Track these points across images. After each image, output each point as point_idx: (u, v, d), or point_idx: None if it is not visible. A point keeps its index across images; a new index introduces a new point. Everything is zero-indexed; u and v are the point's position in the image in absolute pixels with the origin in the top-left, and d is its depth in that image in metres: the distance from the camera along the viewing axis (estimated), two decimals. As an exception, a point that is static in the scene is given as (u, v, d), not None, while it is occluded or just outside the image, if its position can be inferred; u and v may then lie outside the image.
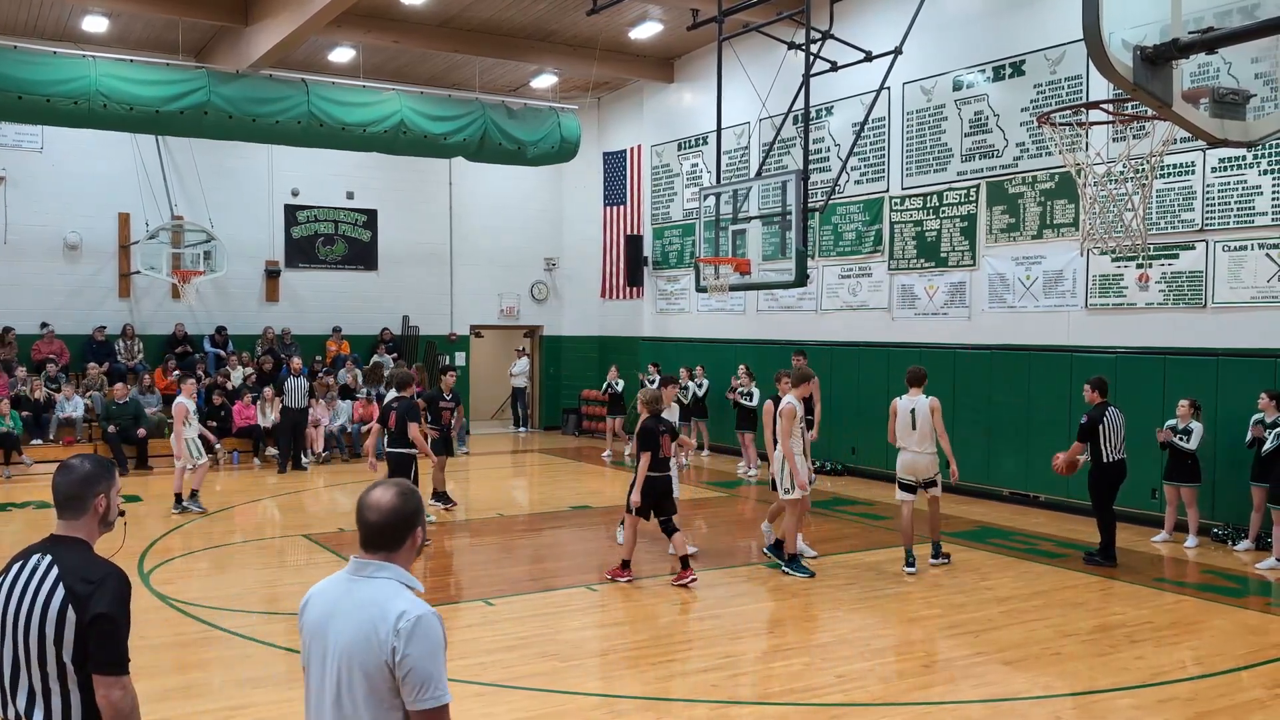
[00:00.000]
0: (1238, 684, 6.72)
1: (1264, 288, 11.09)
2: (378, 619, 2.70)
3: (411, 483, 8.88)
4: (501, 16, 16.97)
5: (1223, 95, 6.02)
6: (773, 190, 12.79)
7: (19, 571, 3.03)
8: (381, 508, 2.84)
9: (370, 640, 2.69)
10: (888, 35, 13.77)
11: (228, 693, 6.44)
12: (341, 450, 17.67)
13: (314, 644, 2.84)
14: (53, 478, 3.15)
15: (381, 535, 2.84)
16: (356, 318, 20.49)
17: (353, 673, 2.71)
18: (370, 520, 2.85)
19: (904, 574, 9.58)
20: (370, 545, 2.85)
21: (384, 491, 2.88)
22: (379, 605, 2.73)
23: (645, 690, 6.51)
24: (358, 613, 2.75)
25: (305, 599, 2.95)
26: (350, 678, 2.72)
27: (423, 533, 2.93)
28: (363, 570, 2.84)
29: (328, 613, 2.83)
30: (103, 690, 2.93)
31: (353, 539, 10.66)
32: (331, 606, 2.83)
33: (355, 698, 2.71)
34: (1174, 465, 10.83)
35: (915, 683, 6.69)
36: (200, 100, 15.61)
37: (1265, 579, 9.57)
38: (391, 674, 2.68)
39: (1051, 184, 13.15)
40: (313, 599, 2.93)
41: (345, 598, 2.82)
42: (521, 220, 22.33)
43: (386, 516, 2.84)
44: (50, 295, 17.91)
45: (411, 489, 2.93)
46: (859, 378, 15.77)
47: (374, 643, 2.69)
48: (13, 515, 12.46)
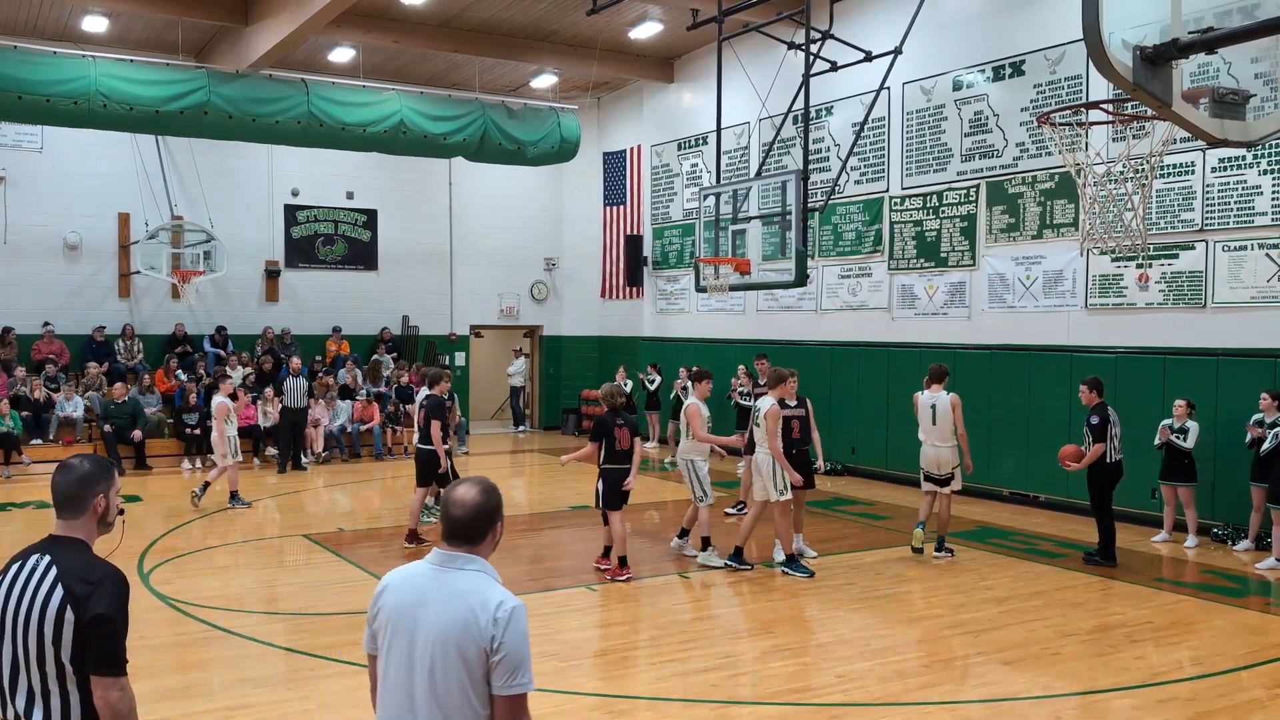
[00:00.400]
0: (1238, 684, 6.72)
1: (1264, 288, 11.09)
2: (477, 608, 2.85)
3: (441, 478, 9.34)
4: (501, 16, 16.97)
5: (1223, 95, 6.02)
6: (773, 190, 12.78)
7: (18, 572, 3.03)
8: (466, 504, 3.00)
9: (471, 628, 2.84)
10: (888, 35, 13.77)
11: (228, 693, 6.44)
12: (341, 450, 17.67)
13: (398, 628, 2.95)
14: (52, 477, 3.15)
15: (466, 529, 2.99)
16: (356, 318, 20.49)
17: (449, 656, 2.85)
18: (455, 515, 3.00)
19: (933, 560, 10.17)
20: (455, 538, 3.00)
21: (468, 489, 3.04)
22: (476, 595, 2.89)
23: (645, 690, 6.51)
24: (455, 602, 2.89)
25: (383, 585, 3.06)
26: (446, 661, 2.85)
27: (501, 527, 3.08)
28: (452, 562, 2.98)
29: (416, 600, 2.95)
30: (100, 691, 2.92)
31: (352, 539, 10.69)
32: (420, 594, 2.95)
33: (449, 680, 2.85)
34: (1171, 465, 10.84)
35: (915, 683, 6.69)
36: (200, 100, 15.61)
37: (1265, 579, 9.57)
38: (487, 659, 2.84)
39: (1051, 184, 13.15)
40: (393, 585, 3.04)
41: (436, 587, 2.94)
42: (521, 220, 22.33)
43: (471, 512, 2.99)
44: (50, 295, 17.91)
45: (493, 487, 3.10)
46: (859, 378, 15.77)
47: (474, 630, 2.84)
48: (13, 515, 12.46)
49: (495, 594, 2.90)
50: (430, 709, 2.87)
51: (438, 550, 3.03)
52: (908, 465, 14.96)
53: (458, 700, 2.85)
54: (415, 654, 2.90)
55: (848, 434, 15.88)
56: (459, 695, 2.85)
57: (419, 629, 2.91)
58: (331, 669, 6.84)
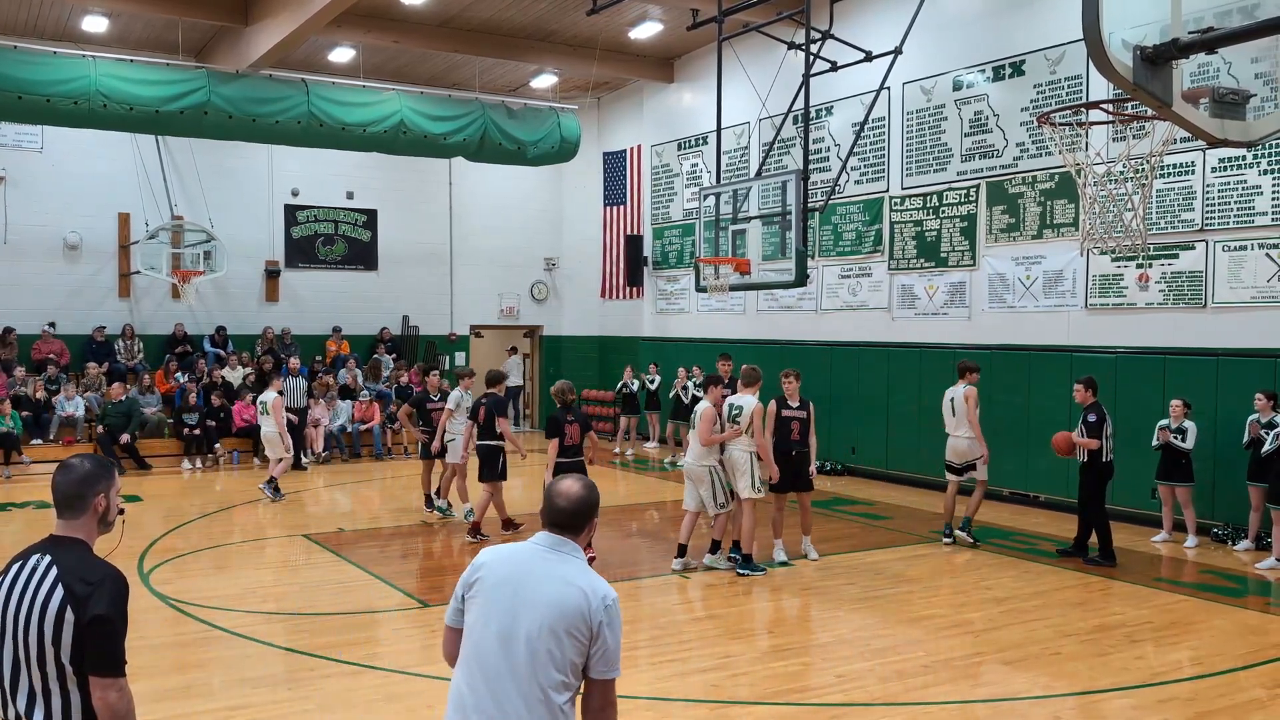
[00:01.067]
0: (1237, 684, 6.72)
1: (1264, 288, 11.09)
2: (588, 593, 3.06)
3: (500, 474, 10.16)
4: (501, 16, 16.97)
5: (1223, 95, 6.02)
6: (773, 190, 12.78)
7: (18, 572, 3.03)
8: (571, 496, 3.23)
9: (580, 611, 3.04)
10: (888, 35, 13.76)
11: (227, 693, 6.44)
12: (341, 450, 17.67)
13: (501, 593, 3.12)
14: (52, 478, 3.15)
15: (572, 519, 3.21)
16: (356, 318, 20.48)
17: (556, 634, 3.02)
18: (560, 506, 3.22)
19: (941, 543, 10.88)
20: (561, 527, 3.21)
21: (574, 483, 3.27)
22: (585, 582, 3.10)
23: (645, 690, 6.50)
24: (563, 584, 3.08)
25: (482, 559, 3.25)
26: (551, 638, 3.03)
27: (596, 523, 3.33)
28: (560, 547, 3.19)
29: (522, 573, 3.14)
30: (99, 692, 2.92)
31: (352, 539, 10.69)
32: (525, 569, 3.15)
33: (548, 656, 3.03)
34: (1168, 465, 10.84)
35: (915, 683, 6.69)
36: (200, 100, 15.61)
37: (1265, 579, 9.57)
38: (588, 644, 3.05)
39: (1051, 184, 13.15)
40: (493, 561, 3.22)
41: (542, 566, 3.14)
42: (521, 220, 22.33)
43: (576, 504, 3.22)
44: (50, 295, 17.91)
45: (594, 485, 3.33)
46: (859, 378, 15.77)
47: (583, 614, 3.04)
48: (13, 515, 12.46)
49: (600, 584, 3.11)
50: (527, 682, 3.02)
51: (546, 534, 3.22)
52: (908, 465, 15.00)
53: (553, 675, 3.02)
54: (517, 626, 3.05)
55: (848, 434, 15.88)
56: (555, 671, 3.02)
57: (522, 604, 3.07)
58: (331, 669, 6.84)
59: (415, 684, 6.56)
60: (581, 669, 3.08)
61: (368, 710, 6.15)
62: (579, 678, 3.08)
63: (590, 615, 3.05)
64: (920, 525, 12.05)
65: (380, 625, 8.13)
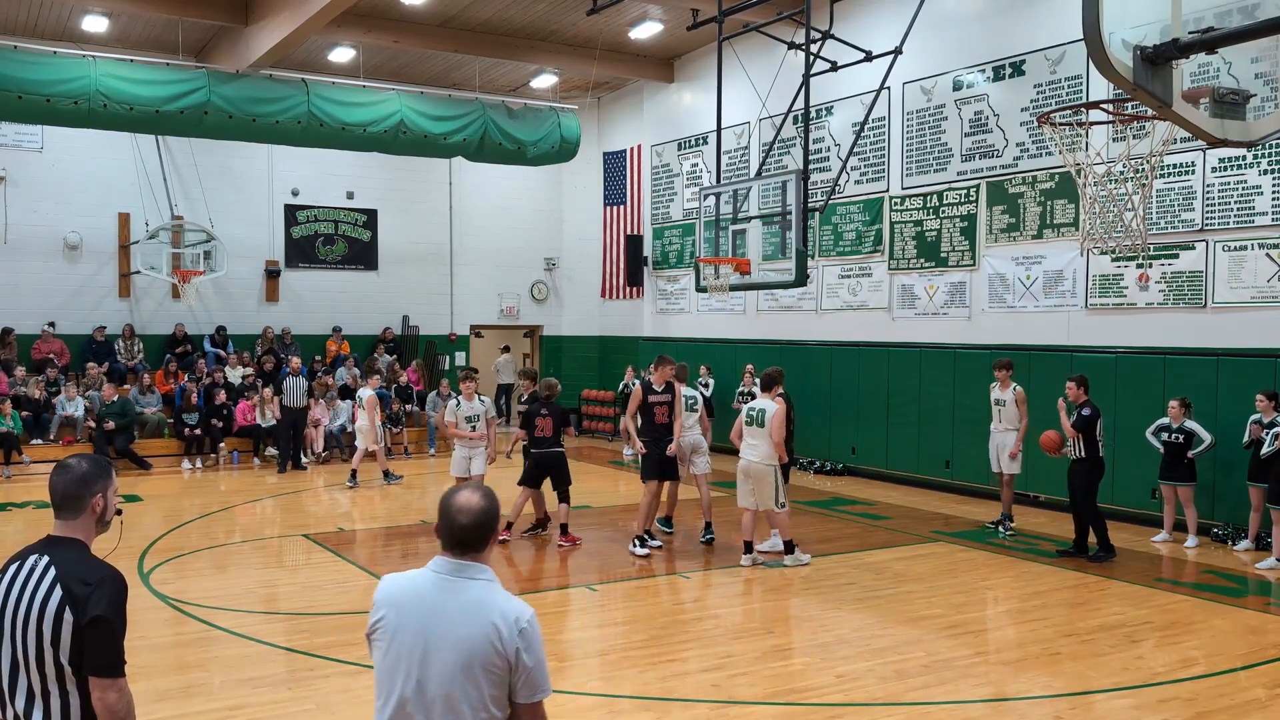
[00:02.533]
0: (1237, 684, 6.71)
1: (1264, 288, 11.09)
2: (498, 620, 2.83)
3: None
4: (501, 16, 16.97)
5: (1223, 95, 6.02)
6: (773, 190, 12.77)
7: (16, 572, 3.03)
8: (472, 510, 2.94)
9: (491, 644, 2.81)
10: (888, 35, 13.76)
11: (227, 693, 6.44)
12: (341, 450, 17.66)
13: (405, 639, 2.88)
14: (50, 478, 3.14)
15: (471, 536, 2.93)
16: (356, 318, 20.49)
17: (470, 672, 2.80)
18: (461, 523, 2.93)
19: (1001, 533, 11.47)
20: (459, 546, 2.93)
21: (472, 494, 2.98)
22: (495, 607, 2.86)
23: (645, 690, 6.50)
24: (471, 617, 2.84)
25: (386, 595, 2.98)
26: (464, 677, 2.81)
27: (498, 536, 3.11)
28: (462, 571, 2.92)
29: (425, 611, 2.89)
30: (98, 693, 2.92)
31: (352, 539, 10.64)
32: (427, 607, 2.89)
33: (467, 693, 2.81)
34: (1170, 464, 10.84)
35: (915, 683, 6.68)
36: (200, 100, 15.62)
37: (1265, 579, 9.57)
38: (510, 671, 2.83)
39: (1051, 184, 13.15)
40: (396, 598, 2.95)
41: (445, 599, 2.89)
42: (521, 220, 22.33)
43: (477, 518, 2.94)
44: (50, 295, 17.91)
45: (492, 492, 3.05)
46: (859, 378, 15.77)
47: (495, 647, 2.81)
48: (13, 515, 12.46)
49: (513, 605, 2.88)
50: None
51: (443, 559, 2.95)
52: (908, 465, 15.01)
53: (475, 713, 2.82)
54: (428, 673, 2.84)
55: (848, 434, 15.88)
56: (477, 708, 2.82)
57: (430, 648, 2.84)
58: (331, 669, 6.84)
59: (415, 684, 6.54)
60: (506, 699, 2.87)
61: (367, 710, 6.13)
62: (506, 708, 2.88)
63: (504, 646, 2.81)
64: (920, 525, 12.05)
65: (380, 625, 8.11)
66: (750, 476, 9.71)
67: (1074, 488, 10.28)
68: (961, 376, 14.08)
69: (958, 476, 14.09)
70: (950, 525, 12.03)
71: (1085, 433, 10.11)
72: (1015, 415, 11.39)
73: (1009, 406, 11.42)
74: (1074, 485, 10.28)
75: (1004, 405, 11.46)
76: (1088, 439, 10.13)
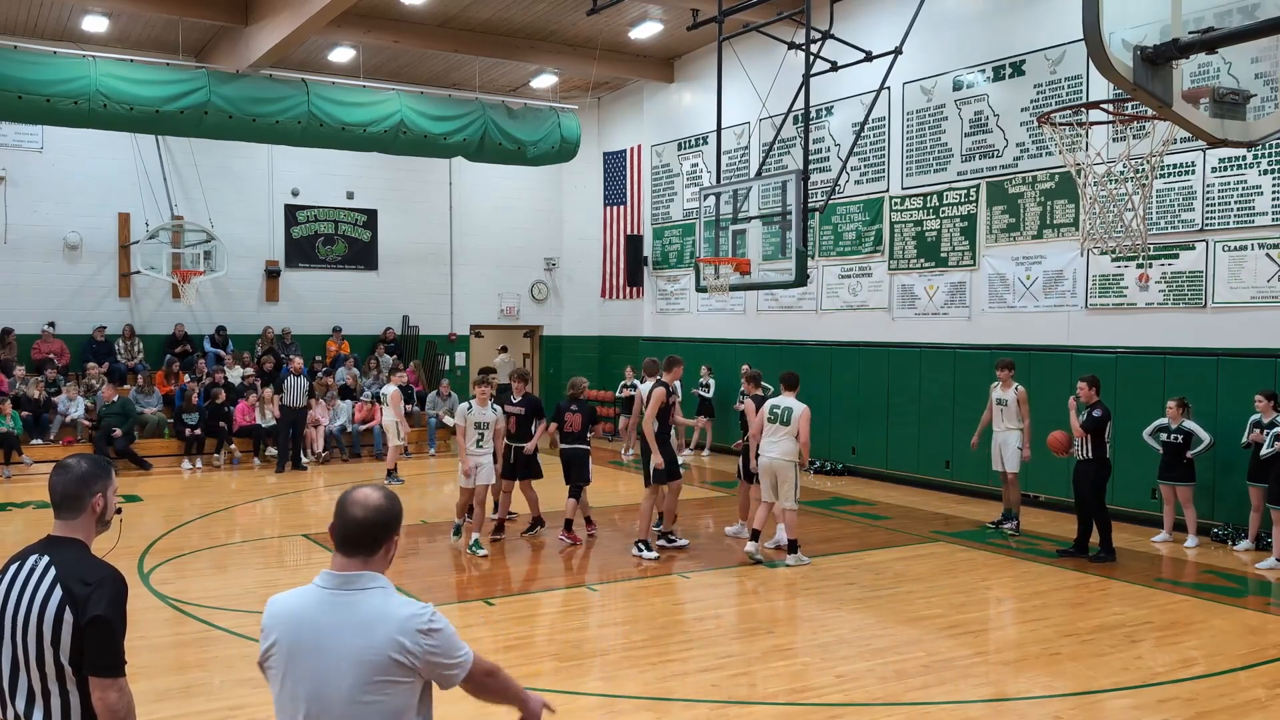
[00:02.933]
0: (1237, 684, 6.71)
1: (1264, 288, 11.09)
2: (397, 633, 2.65)
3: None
4: (501, 16, 16.96)
5: (1223, 95, 6.02)
6: (773, 190, 12.77)
7: (16, 572, 3.03)
8: (369, 505, 2.74)
9: (394, 655, 2.63)
10: (888, 35, 13.76)
11: (227, 693, 6.44)
12: (341, 450, 17.66)
13: (299, 664, 2.68)
14: (49, 478, 3.15)
15: (363, 534, 2.72)
16: (356, 318, 20.49)
17: (374, 687, 2.63)
18: (356, 516, 2.72)
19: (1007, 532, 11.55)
20: (349, 545, 2.72)
21: (372, 490, 2.79)
22: (393, 618, 2.67)
23: (645, 690, 6.50)
24: (366, 631, 2.64)
25: (274, 618, 2.77)
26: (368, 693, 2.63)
27: (398, 542, 2.82)
28: (351, 583, 2.70)
29: (315, 632, 2.67)
30: (99, 693, 2.92)
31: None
32: (318, 627, 2.67)
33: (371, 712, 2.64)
34: (1169, 464, 10.84)
35: (915, 683, 6.68)
36: (200, 100, 15.61)
37: (1265, 579, 9.57)
38: (419, 678, 2.69)
39: (1051, 184, 13.15)
40: (283, 621, 2.74)
41: (340, 614, 2.67)
42: (521, 220, 22.33)
43: (373, 514, 2.73)
44: (50, 295, 17.91)
45: (396, 495, 2.83)
46: (859, 378, 15.77)
47: (401, 656, 2.64)
48: (13, 515, 12.46)
49: (407, 610, 2.68)
50: None
51: (328, 572, 2.73)
52: (908, 465, 15.01)
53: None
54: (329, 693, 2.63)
55: (848, 434, 15.88)
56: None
57: (326, 670, 2.64)
58: (331, 669, 6.83)
59: (415, 684, 6.54)
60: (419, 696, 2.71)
61: (367, 710, 6.14)
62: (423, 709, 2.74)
63: (413, 656, 2.63)
64: (920, 525, 12.05)
65: (380, 625, 8.11)
66: (773, 472, 9.91)
67: (1081, 488, 10.27)
68: (961, 376, 14.08)
69: (958, 476, 14.09)
70: (950, 525, 12.03)
71: (1094, 433, 10.10)
72: (1017, 415, 11.43)
73: (1011, 406, 11.43)
74: (1081, 485, 10.27)
75: (1006, 405, 11.48)
76: (1096, 440, 10.13)
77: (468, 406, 10.47)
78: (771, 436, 9.92)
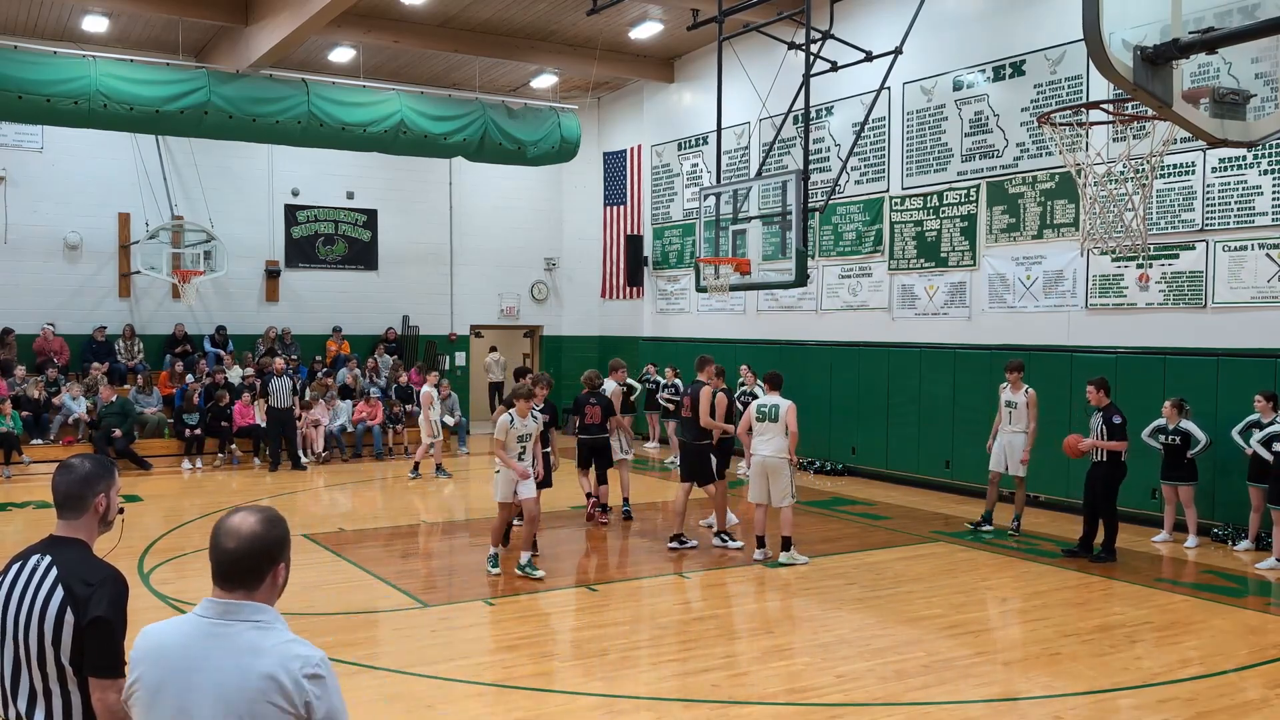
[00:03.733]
0: (1238, 684, 6.72)
1: (1264, 288, 11.09)
2: (278, 671, 2.38)
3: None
4: (501, 16, 16.97)
5: (1223, 95, 6.01)
6: (773, 190, 12.77)
7: (18, 572, 3.03)
8: (241, 534, 2.47)
9: (271, 697, 2.37)
10: (888, 35, 13.76)
11: (227, 693, 6.43)
12: (341, 450, 17.66)
13: (163, 702, 2.44)
14: (52, 477, 3.15)
15: (239, 568, 2.46)
16: (356, 318, 20.49)
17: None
18: (227, 549, 2.46)
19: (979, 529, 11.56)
20: (227, 580, 2.47)
21: (245, 516, 2.51)
22: (272, 655, 2.40)
23: (645, 690, 6.51)
24: (245, 666, 2.39)
25: (142, 649, 2.52)
26: None
27: (287, 570, 2.55)
28: (231, 614, 2.45)
29: (185, 667, 2.43)
30: (98, 693, 2.92)
31: (353, 539, 10.60)
32: (188, 661, 2.43)
33: None
34: (1171, 464, 10.83)
35: (915, 683, 6.69)
36: (200, 100, 15.62)
37: (1265, 579, 9.57)
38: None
39: (1051, 184, 13.15)
40: (151, 653, 2.50)
41: (214, 647, 2.42)
42: (521, 220, 22.33)
43: (246, 544, 2.46)
44: (50, 295, 17.91)
45: (279, 517, 2.57)
46: (859, 378, 15.77)
47: (279, 699, 2.37)
48: (13, 515, 12.46)
49: (297, 651, 2.41)
50: None
51: (209, 600, 2.48)
52: (908, 465, 15.01)
53: None
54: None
55: (848, 434, 15.89)
56: None
57: (194, 700, 2.40)
58: (331, 669, 6.83)
59: (415, 684, 6.56)
60: None
61: (368, 710, 6.15)
62: None
63: (290, 699, 2.36)
64: (920, 525, 12.05)
65: (380, 625, 8.13)
66: (767, 471, 9.95)
67: (1094, 489, 10.23)
68: (961, 376, 14.08)
69: (958, 476, 14.10)
70: (950, 525, 12.04)
71: (1114, 437, 10.08)
72: (1026, 417, 11.31)
73: (1020, 409, 11.31)
74: (1094, 486, 10.24)
75: (1015, 407, 11.34)
76: (1123, 441, 10.10)
77: (509, 419, 9.37)
78: (762, 435, 9.96)
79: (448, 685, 6.53)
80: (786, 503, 9.96)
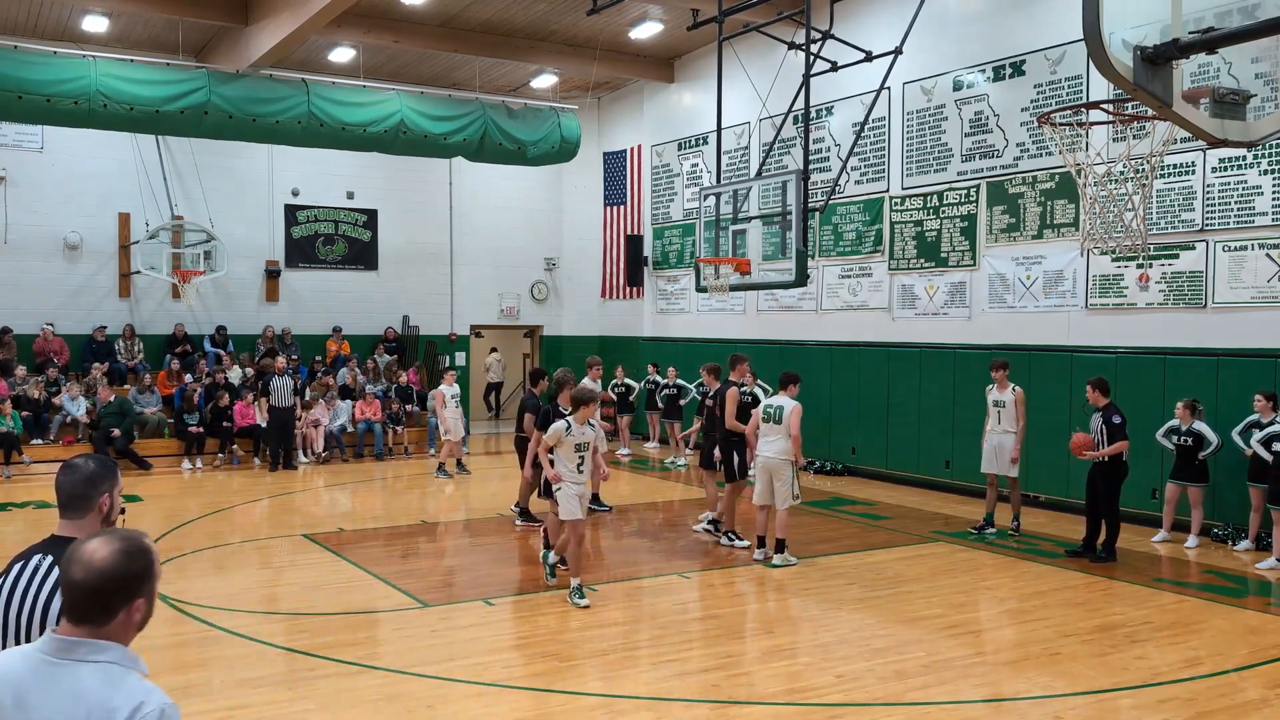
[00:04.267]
0: (1238, 684, 6.72)
1: (1264, 288, 11.09)
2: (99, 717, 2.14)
3: None
4: (501, 16, 16.97)
5: (1223, 95, 6.02)
6: (773, 190, 12.78)
7: (20, 572, 3.03)
8: (91, 565, 2.20)
9: None
10: (888, 35, 13.77)
11: (227, 693, 6.44)
12: (341, 450, 17.66)
13: None
14: (56, 477, 3.16)
15: (86, 601, 2.21)
16: (357, 318, 20.49)
17: None
18: (75, 580, 2.21)
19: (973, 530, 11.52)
20: (73, 613, 2.22)
21: (101, 545, 2.24)
22: (100, 701, 2.15)
23: (645, 690, 6.51)
24: (69, 710, 2.15)
25: None
26: None
27: (148, 605, 2.31)
28: (70, 652, 2.20)
29: (15, 702, 2.19)
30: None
31: (353, 539, 10.61)
32: (24, 695, 2.18)
33: None
34: (1182, 465, 10.81)
35: (915, 683, 6.69)
36: (200, 100, 15.62)
37: (1265, 579, 9.57)
38: None
39: (1051, 184, 13.15)
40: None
41: (45, 686, 2.19)
42: (521, 220, 22.34)
43: (95, 576, 2.20)
44: (50, 295, 17.91)
45: (142, 548, 2.29)
46: (859, 378, 15.78)
47: None
48: (13, 515, 12.46)
49: (133, 695, 2.16)
50: None
51: (49, 635, 2.25)
52: (908, 465, 15.01)
53: None
54: None
55: (848, 434, 15.89)
56: None
57: None
58: (330, 669, 6.84)
59: (415, 684, 6.56)
60: None
61: (367, 710, 6.15)
62: None
63: None
64: (920, 525, 12.05)
65: (380, 625, 8.13)
66: (769, 471, 9.95)
67: (1096, 488, 10.23)
68: (961, 376, 14.08)
69: (958, 476, 14.09)
70: (950, 525, 12.03)
71: (1114, 438, 10.06)
72: (1014, 416, 11.31)
73: (1009, 407, 11.31)
74: (1096, 486, 10.23)
75: (1004, 406, 11.34)
76: (1114, 442, 10.08)
77: (565, 426, 8.49)
78: (767, 436, 9.99)
79: (447, 685, 6.53)
80: (786, 505, 9.93)
